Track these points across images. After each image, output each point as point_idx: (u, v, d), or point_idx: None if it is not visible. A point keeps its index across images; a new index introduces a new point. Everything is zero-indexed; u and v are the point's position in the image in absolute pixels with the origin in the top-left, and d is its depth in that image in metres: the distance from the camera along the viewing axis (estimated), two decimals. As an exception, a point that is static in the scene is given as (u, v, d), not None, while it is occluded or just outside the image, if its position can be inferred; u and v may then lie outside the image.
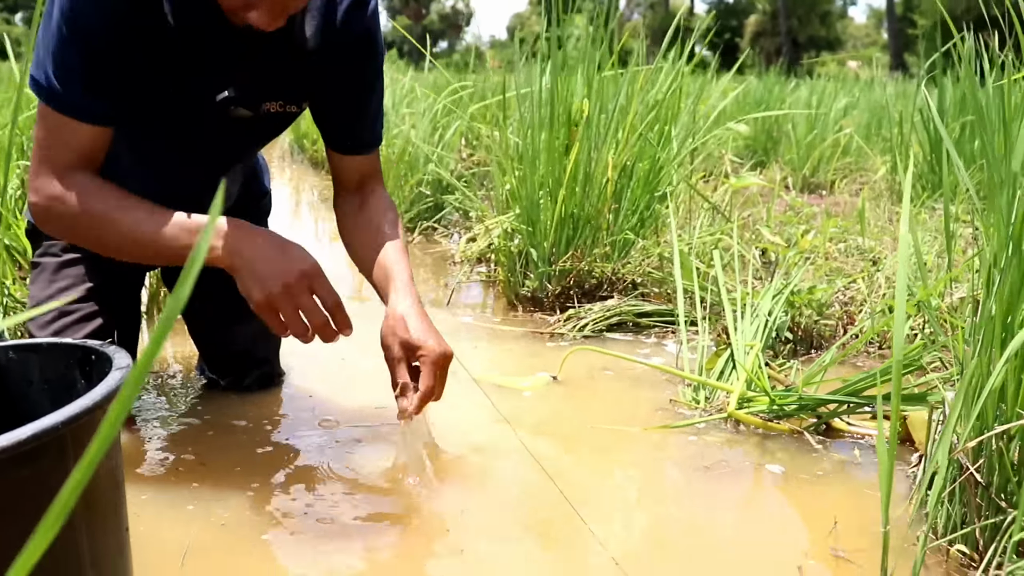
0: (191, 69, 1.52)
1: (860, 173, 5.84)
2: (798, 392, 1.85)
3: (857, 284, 2.70)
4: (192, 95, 1.56)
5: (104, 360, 0.95)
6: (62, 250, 1.77)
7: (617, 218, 2.89)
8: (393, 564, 1.30)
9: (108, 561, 0.90)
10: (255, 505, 1.46)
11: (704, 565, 1.34)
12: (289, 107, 1.67)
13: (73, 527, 0.84)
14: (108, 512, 0.91)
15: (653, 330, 2.62)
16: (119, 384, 0.87)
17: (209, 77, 1.55)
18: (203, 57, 1.52)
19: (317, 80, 1.66)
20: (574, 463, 1.69)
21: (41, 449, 0.77)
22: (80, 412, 0.79)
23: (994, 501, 1.26)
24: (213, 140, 1.68)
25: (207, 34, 1.48)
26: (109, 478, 0.90)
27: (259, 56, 1.56)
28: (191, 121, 1.61)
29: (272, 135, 1.78)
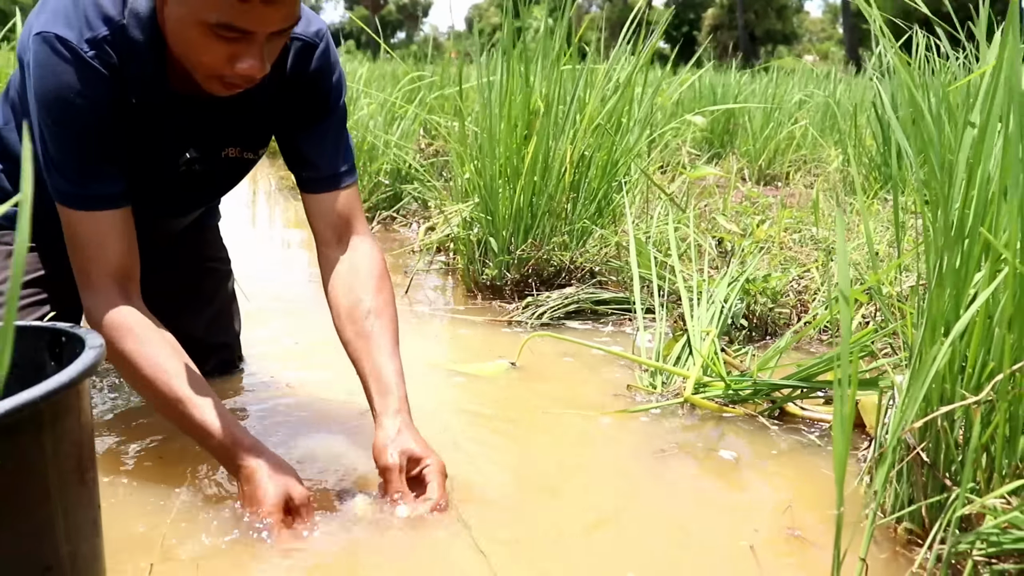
0: (152, 139, 1.55)
1: (815, 165, 5.92)
2: (753, 377, 1.88)
3: (811, 273, 2.75)
4: (154, 161, 1.59)
5: (75, 341, 0.95)
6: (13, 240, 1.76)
7: (575, 208, 2.91)
8: (363, 536, 1.32)
9: (82, 536, 0.91)
10: (218, 486, 1.47)
11: (658, 546, 1.36)
12: (247, 153, 1.69)
13: (49, 501, 0.84)
14: (82, 487, 0.91)
15: (611, 318, 2.65)
16: (94, 363, 0.87)
17: (169, 142, 1.58)
18: (162, 125, 1.55)
19: (274, 124, 1.67)
20: (530, 447, 1.71)
21: (20, 423, 0.78)
22: (57, 388, 0.80)
23: (939, 480, 1.30)
24: (176, 193, 1.72)
25: (166, 107, 1.52)
26: (82, 454, 0.91)
27: (214, 111, 1.58)
28: (154, 181, 1.63)
29: (232, 182, 1.79)
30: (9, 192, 1.73)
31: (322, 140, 1.65)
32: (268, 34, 1.33)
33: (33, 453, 0.80)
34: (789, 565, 1.31)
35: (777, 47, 50.22)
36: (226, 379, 2.01)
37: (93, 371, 0.88)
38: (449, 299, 2.99)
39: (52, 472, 0.85)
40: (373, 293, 1.60)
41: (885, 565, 1.30)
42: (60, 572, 0.87)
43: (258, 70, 1.35)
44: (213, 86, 1.40)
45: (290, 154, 1.69)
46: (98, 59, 1.40)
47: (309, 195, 1.66)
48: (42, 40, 1.39)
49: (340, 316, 1.60)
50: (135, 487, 1.48)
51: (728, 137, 6.63)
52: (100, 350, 0.91)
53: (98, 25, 1.41)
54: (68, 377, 0.83)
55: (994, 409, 1.24)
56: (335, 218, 1.65)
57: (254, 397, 1.92)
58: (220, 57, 1.34)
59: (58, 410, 0.84)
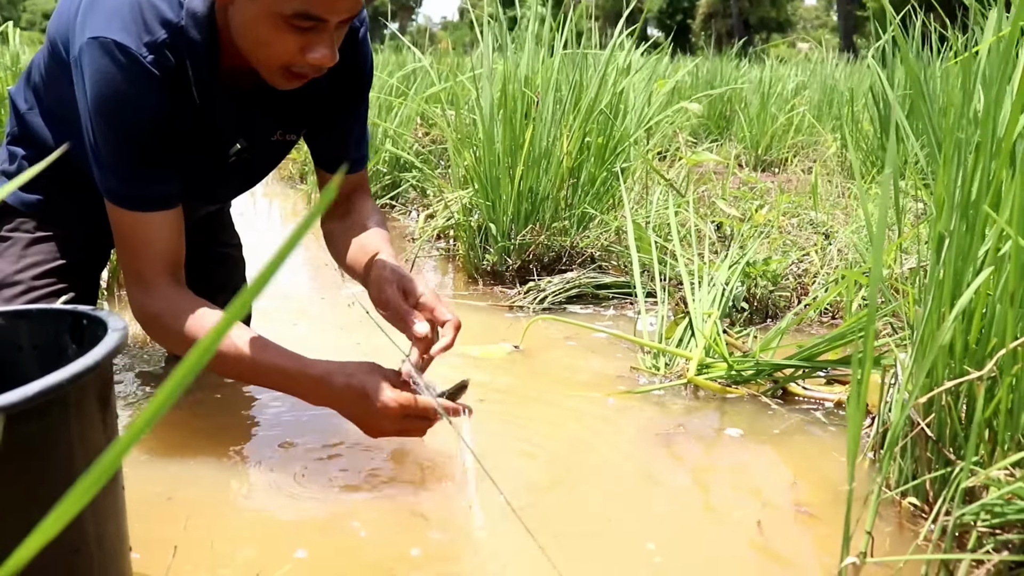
0: (205, 136, 1.58)
1: (812, 150, 5.93)
2: (755, 358, 1.90)
3: (810, 257, 2.77)
4: (207, 154, 1.62)
5: (97, 324, 0.96)
6: (35, 227, 1.76)
7: (575, 193, 2.92)
8: (358, 506, 1.33)
9: (108, 517, 0.92)
10: (240, 469, 1.48)
11: (666, 524, 1.38)
12: (289, 135, 1.73)
13: (76, 483, 0.85)
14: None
15: (612, 302, 2.67)
16: (118, 344, 0.88)
17: (221, 138, 1.62)
18: (215, 123, 1.58)
19: (316, 107, 1.72)
20: (536, 429, 1.73)
21: (47, 406, 0.78)
22: (83, 370, 0.81)
23: (943, 454, 1.32)
24: (221, 184, 1.76)
25: (219, 104, 1.54)
26: (107, 435, 0.92)
27: (267, 100, 1.63)
28: (203, 174, 1.66)
29: (272, 165, 1.84)
30: (33, 179, 1.74)
31: (354, 124, 1.74)
32: (338, 22, 1.36)
33: (60, 436, 0.81)
34: (796, 539, 1.33)
35: (771, 35, 50.15)
36: None
37: (117, 353, 0.89)
38: (450, 285, 3.00)
39: (78, 454, 0.86)
40: (373, 223, 1.72)
41: (891, 538, 1.32)
42: (87, 554, 0.89)
43: (329, 58, 1.39)
44: (277, 79, 1.44)
45: (320, 136, 1.77)
46: (156, 63, 1.41)
47: (327, 172, 1.80)
48: (99, 45, 1.39)
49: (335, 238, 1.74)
50: (157, 468, 1.49)
51: (725, 124, 6.64)
52: (123, 332, 0.92)
53: (156, 28, 1.41)
54: (94, 360, 0.84)
55: (997, 384, 1.26)
56: (346, 190, 1.78)
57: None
58: (292, 49, 1.37)
59: (84, 392, 0.85)
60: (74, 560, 0.87)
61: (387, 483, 1.45)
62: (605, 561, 1.25)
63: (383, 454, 1.55)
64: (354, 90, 1.71)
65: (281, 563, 1.19)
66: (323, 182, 1.83)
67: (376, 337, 1.54)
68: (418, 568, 1.22)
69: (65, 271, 1.75)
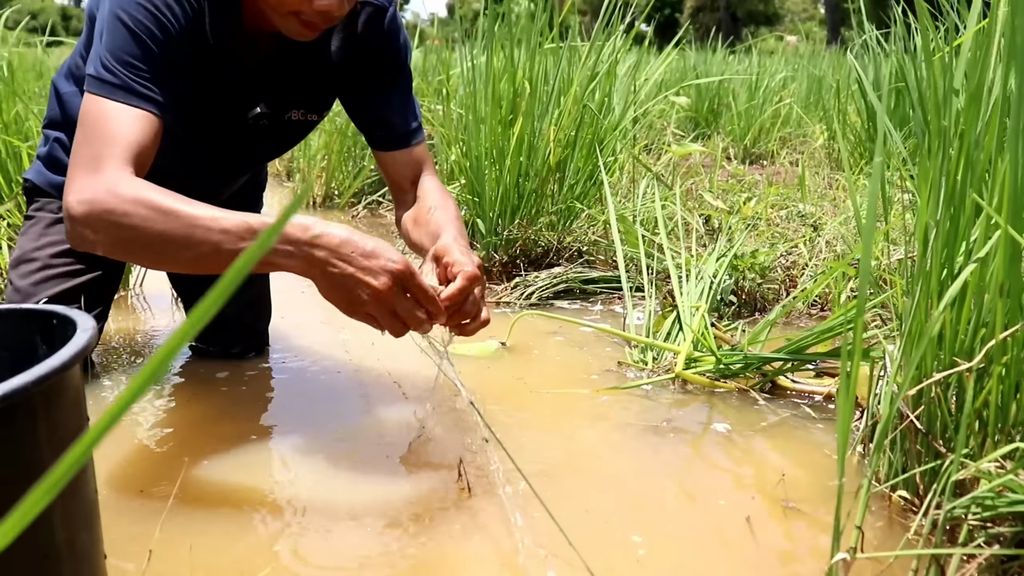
0: (225, 86, 1.59)
1: (800, 142, 5.92)
2: (743, 351, 1.88)
3: (799, 248, 2.75)
4: (225, 111, 1.63)
5: (66, 324, 0.93)
6: (59, 208, 1.78)
7: (561, 188, 2.90)
8: (364, 497, 1.31)
9: (80, 522, 0.90)
10: (217, 472, 1.46)
11: (653, 520, 1.36)
12: (310, 115, 1.76)
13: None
14: (79, 473, 0.90)
15: (600, 296, 2.65)
16: (86, 345, 0.86)
17: (242, 93, 1.63)
18: (236, 74, 1.59)
19: (340, 88, 1.75)
20: (523, 425, 1.71)
21: (11, 410, 0.76)
22: (49, 372, 0.78)
23: (933, 447, 1.30)
24: (238, 147, 1.76)
25: (239, 51, 1.56)
26: (79, 438, 0.89)
27: (287, 68, 1.64)
28: (221, 132, 1.67)
29: (292, 143, 1.85)
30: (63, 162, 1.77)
31: (395, 100, 1.74)
32: None
33: (26, 440, 0.79)
34: (785, 534, 1.31)
35: (759, 29, 50.15)
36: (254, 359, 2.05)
37: (86, 353, 0.86)
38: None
39: (47, 457, 0.83)
40: (437, 198, 1.68)
41: (881, 533, 1.30)
42: (58, 560, 0.86)
43: (336, 6, 1.41)
44: (291, 26, 1.44)
45: (362, 115, 1.78)
46: None
47: (383, 152, 1.77)
48: None
49: (408, 228, 1.70)
50: (132, 472, 1.47)
51: (712, 117, 6.62)
52: (92, 332, 0.89)
53: None
54: (60, 361, 0.81)
55: (986, 374, 1.24)
56: (409, 171, 1.77)
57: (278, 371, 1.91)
58: None
59: (51, 395, 0.83)
60: (44, 566, 0.84)
61: (372, 482, 1.43)
62: (589, 553, 1.23)
63: (369, 450, 1.53)
64: (383, 69, 1.72)
65: (265, 563, 1.17)
66: (382, 166, 1.80)
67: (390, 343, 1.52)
68: (405, 548, 1.20)
69: (84, 253, 1.73)
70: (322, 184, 4.43)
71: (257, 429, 1.66)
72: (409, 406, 1.76)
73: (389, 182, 1.81)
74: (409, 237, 1.70)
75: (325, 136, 4.40)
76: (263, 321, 2.11)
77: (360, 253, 1.25)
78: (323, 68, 1.69)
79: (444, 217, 1.61)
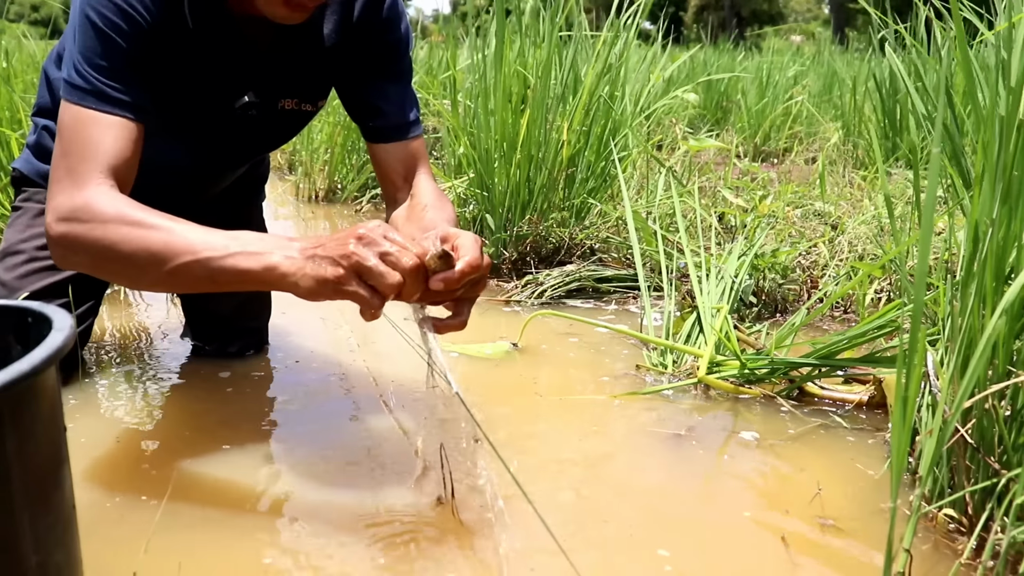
0: (210, 74, 1.50)
1: (811, 140, 5.82)
2: (770, 355, 1.78)
3: (818, 248, 2.66)
4: (211, 100, 1.54)
5: (42, 322, 0.84)
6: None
7: (573, 183, 2.81)
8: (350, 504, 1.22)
9: (54, 542, 0.80)
10: (205, 482, 1.36)
11: (679, 535, 1.26)
12: (304, 105, 1.65)
13: (12, 507, 0.73)
14: (51, 489, 0.80)
15: (614, 295, 2.55)
16: (61, 346, 0.76)
17: (228, 81, 1.53)
18: (221, 60, 1.49)
19: (336, 75, 1.65)
20: (541, 433, 1.61)
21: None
22: (15, 379, 0.69)
23: (986, 464, 1.20)
24: (229, 139, 1.66)
25: (223, 36, 1.46)
26: (52, 452, 0.80)
27: (277, 54, 1.55)
28: (210, 122, 1.58)
29: (286, 136, 1.75)
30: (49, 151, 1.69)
31: (392, 89, 1.63)
32: None
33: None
34: (825, 556, 1.21)
35: (763, 27, 50.00)
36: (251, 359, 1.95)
37: (60, 355, 0.77)
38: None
39: (16, 473, 0.74)
40: (432, 197, 1.57)
41: (929, 556, 1.21)
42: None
43: (286, 17, 1.34)
44: (276, 9, 1.35)
45: (356, 104, 1.67)
46: None
47: (377, 144, 1.64)
48: None
49: (399, 226, 1.56)
50: (118, 482, 1.37)
51: (722, 114, 6.53)
52: (68, 332, 0.80)
53: None
54: (30, 365, 0.72)
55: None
56: (403, 166, 1.64)
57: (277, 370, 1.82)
58: None
59: (20, 402, 0.73)
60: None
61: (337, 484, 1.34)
62: (612, 567, 1.14)
63: (371, 460, 1.44)
64: (381, 55, 1.61)
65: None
66: (375, 160, 1.66)
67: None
68: None
69: None
70: (325, 178, 4.33)
71: (253, 435, 1.56)
72: (414, 410, 1.67)
73: (381, 178, 1.67)
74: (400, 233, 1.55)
75: (328, 129, 4.31)
76: (261, 319, 2.01)
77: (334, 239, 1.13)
78: (316, 53, 1.57)
79: (439, 217, 1.49)
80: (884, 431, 1.63)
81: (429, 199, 1.55)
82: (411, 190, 1.62)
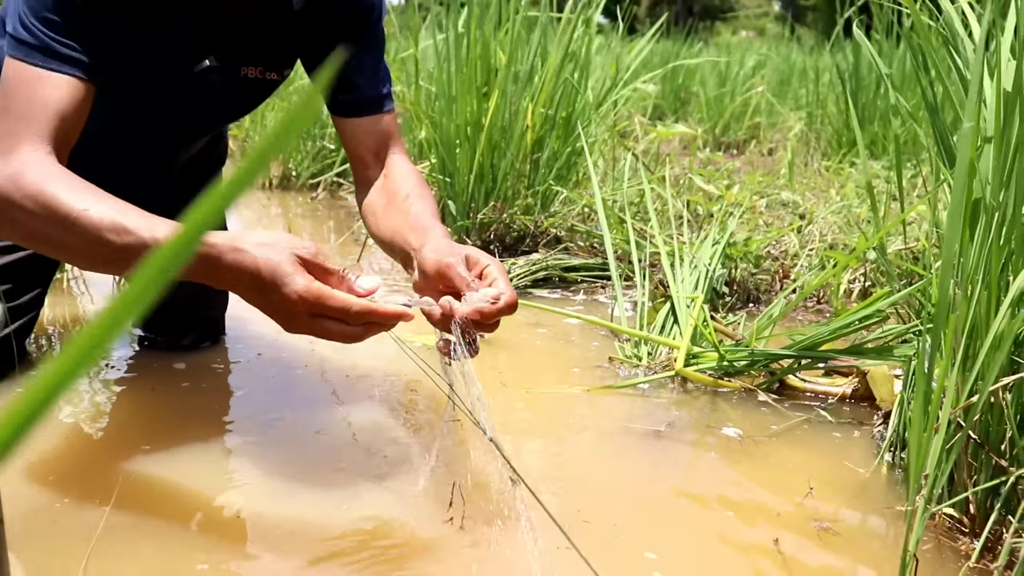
0: (168, 35, 1.37)
1: (771, 132, 5.79)
2: (750, 347, 1.71)
3: (788, 238, 2.60)
4: (169, 64, 1.41)
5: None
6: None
7: (538, 169, 2.72)
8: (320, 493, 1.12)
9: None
10: (149, 495, 1.25)
11: (673, 542, 1.18)
12: (269, 74, 1.53)
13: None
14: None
15: (582, 285, 2.47)
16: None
17: (187, 44, 1.40)
18: (179, 21, 1.37)
19: (303, 44, 1.53)
20: (513, 427, 1.52)
21: None
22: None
23: (989, 460, 1.14)
24: (190, 106, 1.53)
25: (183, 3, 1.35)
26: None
27: (239, 17, 1.42)
28: (167, 87, 1.45)
29: (250, 105, 1.62)
30: None
31: (363, 60, 1.52)
32: None
33: None
34: (822, 561, 1.14)
35: (715, 23, 50.29)
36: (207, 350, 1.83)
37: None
38: (403, 269, 2.77)
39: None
40: (413, 183, 1.45)
41: (932, 558, 1.14)
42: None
43: None
44: None
45: (317, 73, 1.53)
46: None
47: (346, 119, 1.52)
48: None
49: (377, 214, 1.44)
50: (58, 488, 1.26)
51: (680, 105, 6.48)
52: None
53: None
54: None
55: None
56: (375, 142, 1.52)
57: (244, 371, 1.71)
58: None
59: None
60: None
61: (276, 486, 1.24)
62: (602, 569, 1.05)
63: (333, 458, 1.34)
64: (352, 24, 1.50)
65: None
66: (343, 136, 1.54)
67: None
68: None
69: None
70: (279, 164, 4.20)
71: (209, 433, 1.45)
72: (380, 403, 1.57)
73: (351, 156, 1.56)
74: (377, 225, 1.43)
75: (282, 114, 4.17)
76: (216, 310, 1.89)
77: (254, 287, 1.05)
78: (281, 18, 1.46)
79: (425, 210, 1.36)
80: (870, 425, 1.56)
81: (410, 186, 1.43)
82: (384, 170, 1.50)
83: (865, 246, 1.81)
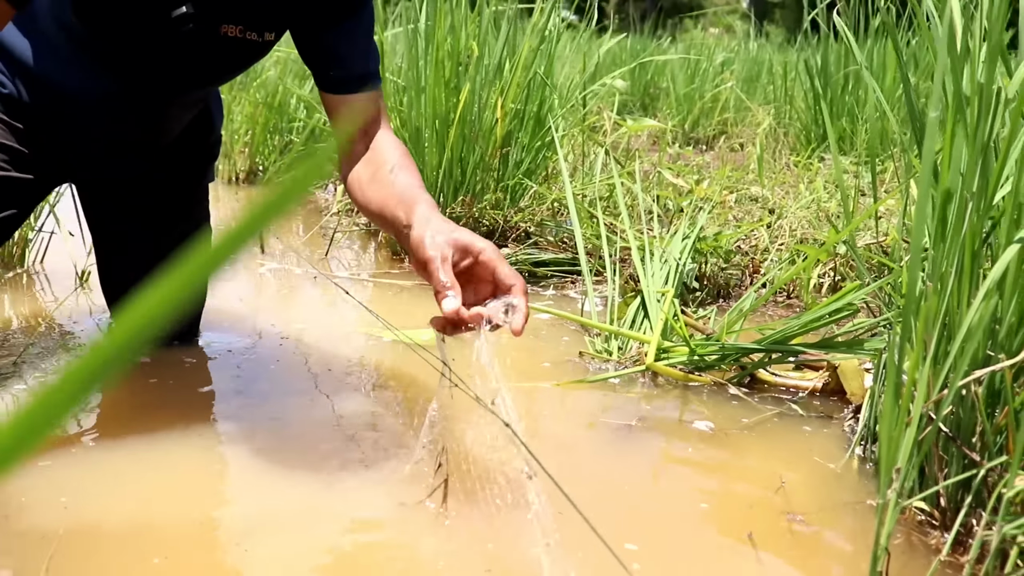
0: None
1: (740, 128, 5.80)
2: (721, 341, 1.70)
3: (757, 232, 2.60)
4: (143, 6, 1.38)
5: None
6: None
7: (507, 163, 2.70)
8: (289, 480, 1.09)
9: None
10: (107, 506, 1.22)
11: (650, 534, 1.17)
12: (249, 34, 1.48)
13: None
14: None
15: (551, 280, 2.45)
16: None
17: None
18: None
19: (291, 11, 1.49)
20: (477, 422, 1.50)
21: None
22: None
23: (960, 454, 1.13)
24: (166, 59, 1.49)
25: None
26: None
27: None
28: (144, 32, 1.42)
29: (233, 68, 1.59)
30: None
31: (353, 36, 1.50)
32: None
33: None
34: (796, 554, 1.13)
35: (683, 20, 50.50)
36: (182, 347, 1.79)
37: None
38: (372, 262, 2.75)
39: None
40: (398, 156, 1.43)
41: (903, 552, 1.13)
42: None
43: None
44: None
45: (313, 51, 1.52)
46: None
47: (334, 96, 1.52)
48: None
49: (363, 186, 1.42)
50: (15, 487, 1.23)
51: (649, 100, 6.48)
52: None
53: None
54: None
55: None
56: (363, 120, 1.50)
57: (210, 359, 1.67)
58: None
59: None
60: None
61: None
62: (584, 561, 1.04)
63: (311, 455, 1.31)
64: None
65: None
66: (331, 109, 1.54)
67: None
68: None
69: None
70: (246, 159, 4.15)
71: (174, 427, 1.42)
72: (355, 397, 1.55)
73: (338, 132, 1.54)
74: (363, 196, 1.42)
75: (249, 108, 4.12)
76: (194, 306, 1.83)
77: None
78: None
79: (411, 182, 1.35)
80: (840, 419, 1.56)
81: (395, 158, 1.41)
82: (368, 143, 1.47)
83: (835, 239, 1.81)
